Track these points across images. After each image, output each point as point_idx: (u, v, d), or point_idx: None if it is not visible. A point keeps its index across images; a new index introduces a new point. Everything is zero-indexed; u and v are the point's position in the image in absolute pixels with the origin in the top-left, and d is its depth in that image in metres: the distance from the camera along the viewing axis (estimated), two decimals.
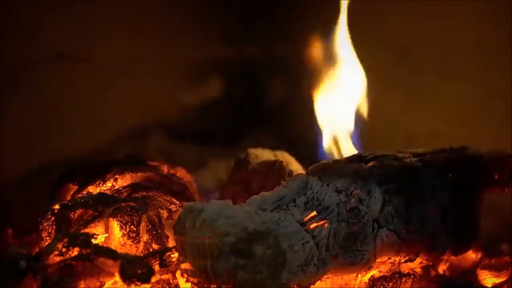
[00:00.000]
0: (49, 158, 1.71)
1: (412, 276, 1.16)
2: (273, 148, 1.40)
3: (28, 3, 1.66)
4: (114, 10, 1.79)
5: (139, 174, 1.27)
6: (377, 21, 1.79)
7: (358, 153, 1.19)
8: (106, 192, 1.23)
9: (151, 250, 1.15)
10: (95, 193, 1.23)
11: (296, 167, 1.34)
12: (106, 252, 1.07)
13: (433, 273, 1.18)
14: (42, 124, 1.72)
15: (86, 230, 1.15)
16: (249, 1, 1.94)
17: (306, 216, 1.05)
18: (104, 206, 1.17)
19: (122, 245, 1.15)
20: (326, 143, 1.36)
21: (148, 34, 1.85)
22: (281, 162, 1.28)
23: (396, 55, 1.79)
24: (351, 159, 1.16)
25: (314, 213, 1.06)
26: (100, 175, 1.25)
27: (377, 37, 1.79)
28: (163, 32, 1.87)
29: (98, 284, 1.06)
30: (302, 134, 1.45)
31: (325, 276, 1.08)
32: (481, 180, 1.18)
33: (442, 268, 1.23)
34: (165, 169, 1.33)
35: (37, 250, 1.19)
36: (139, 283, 1.05)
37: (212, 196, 1.41)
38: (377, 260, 1.12)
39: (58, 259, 1.07)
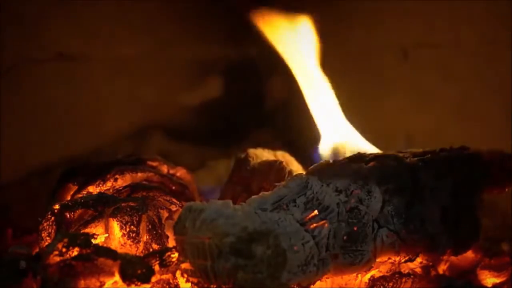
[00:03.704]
0: (49, 158, 1.71)
1: (412, 276, 1.16)
2: (273, 148, 1.41)
3: (28, 3, 1.66)
4: (114, 11, 1.79)
5: (139, 174, 1.27)
6: (377, 21, 1.80)
7: (358, 153, 1.19)
8: (106, 192, 1.23)
9: (151, 250, 1.15)
10: (95, 193, 1.23)
11: (296, 167, 1.34)
12: (106, 252, 1.07)
13: (433, 273, 1.18)
14: (42, 124, 1.72)
15: (86, 230, 1.15)
16: (249, 1, 1.94)
17: (306, 216, 1.05)
18: (104, 206, 1.17)
19: (122, 245, 1.15)
20: (324, 146, 1.36)
21: (148, 34, 1.85)
22: (281, 162, 1.28)
23: (396, 55, 1.79)
24: (351, 159, 1.16)
25: (315, 212, 1.06)
26: (100, 175, 1.25)
27: (378, 38, 1.79)
28: (163, 32, 1.87)
29: (98, 284, 1.06)
30: (302, 134, 1.45)
31: (325, 276, 1.08)
32: (481, 180, 1.18)
33: (442, 268, 1.23)
34: (165, 169, 1.33)
35: (37, 250, 1.20)
36: (139, 283, 1.05)
37: (212, 196, 1.41)
38: (377, 260, 1.12)
39: (58, 259, 1.07)
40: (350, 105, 1.40)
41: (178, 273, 1.10)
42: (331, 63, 1.43)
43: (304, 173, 1.16)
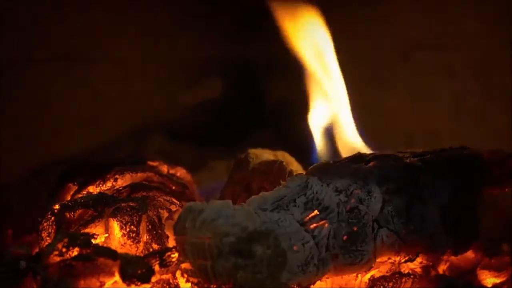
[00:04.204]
0: (49, 158, 1.71)
1: (412, 276, 1.16)
2: (273, 148, 1.40)
3: (28, 3, 1.66)
4: (114, 10, 1.79)
5: (139, 174, 1.27)
6: (377, 21, 1.80)
7: (358, 153, 1.18)
8: (106, 192, 1.23)
9: (151, 250, 1.15)
10: (95, 193, 1.23)
11: (296, 167, 1.34)
12: (106, 252, 1.07)
13: (433, 273, 1.18)
14: (42, 124, 1.72)
15: (86, 230, 1.15)
16: (249, 1, 1.94)
17: (307, 216, 1.05)
18: (104, 206, 1.17)
19: (122, 245, 1.15)
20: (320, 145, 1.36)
21: (148, 34, 1.85)
22: (281, 162, 1.28)
23: (396, 55, 1.79)
24: (351, 159, 1.16)
25: (315, 212, 1.06)
26: (100, 175, 1.25)
27: (377, 38, 1.79)
28: (163, 32, 1.87)
29: (98, 284, 1.06)
30: (302, 134, 1.45)
31: (325, 276, 1.08)
32: (481, 180, 1.18)
33: (442, 268, 1.22)
34: (165, 169, 1.33)
35: (37, 250, 1.19)
36: (139, 283, 1.05)
37: (212, 196, 1.41)
38: (377, 260, 1.12)
39: (58, 259, 1.07)
40: (350, 105, 1.40)
41: (178, 273, 1.10)
42: None
43: (304, 173, 1.17)
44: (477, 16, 1.68)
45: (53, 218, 1.17)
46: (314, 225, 1.05)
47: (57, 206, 1.18)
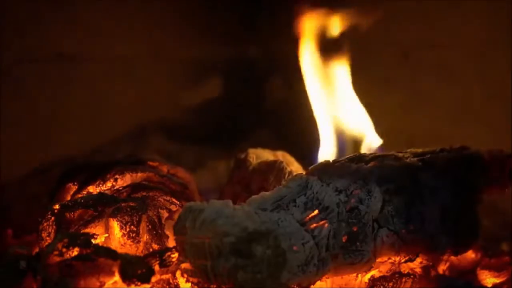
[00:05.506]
0: (49, 158, 1.71)
1: (412, 276, 1.16)
2: (273, 148, 1.40)
3: (28, 3, 1.66)
4: (114, 10, 1.79)
5: (139, 174, 1.27)
6: (377, 21, 1.80)
7: (358, 153, 1.19)
8: (106, 192, 1.23)
9: (151, 250, 1.15)
10: (95, 193, 1.23)
11: (296, 167, 1.34)
12: (106, 252, 1.08)
13: (433, 273, 1.18)
14: (42, 124, 1.72)
15: (86, 230, 1.15)
16: (249, 1, 1.94)
17: (307, 216, 1.05)
18: (104, 206, 1.17)
19: (122, 245, 1.15)
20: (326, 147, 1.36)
21: (148, 34, 1.85)
22: (281, 162, 1.28)
23: (396, 55, 1.79)
24: (351, 159, 1.16)
25: (315, 212, 1.06)
26: (100, 175, 1.25)
27: (378, 38, 1.79)
28: (162, 32, 1.87)
29: (98, 284, 1.06)
30: (302, 134, 1.45)
31: (325, 276, 1.08)
32: (481, 180, 1.18)
33: (442, 268, 1.23)
34: (165, 169, 1.33)
35: (37, 250, 1.20)
36: (139, 283, 1.05)
37: (212, 196, 1.41)
38: (377, 260, 1.12)
39: (58, 259, 1.07)
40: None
41: (178, 273, 1.10)
42: None
43: (304, 173, 1.17)
44: (476, 16, 1.68)
45: (53, 218, 1.17)
46: (314, 225, 1.05)
47: (57, 206, 1.18)
